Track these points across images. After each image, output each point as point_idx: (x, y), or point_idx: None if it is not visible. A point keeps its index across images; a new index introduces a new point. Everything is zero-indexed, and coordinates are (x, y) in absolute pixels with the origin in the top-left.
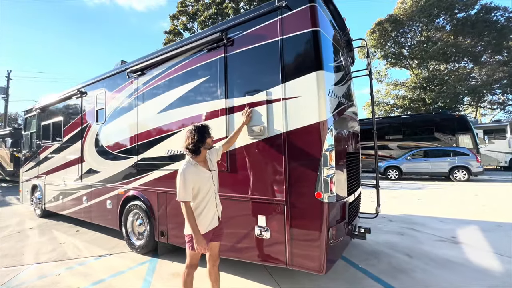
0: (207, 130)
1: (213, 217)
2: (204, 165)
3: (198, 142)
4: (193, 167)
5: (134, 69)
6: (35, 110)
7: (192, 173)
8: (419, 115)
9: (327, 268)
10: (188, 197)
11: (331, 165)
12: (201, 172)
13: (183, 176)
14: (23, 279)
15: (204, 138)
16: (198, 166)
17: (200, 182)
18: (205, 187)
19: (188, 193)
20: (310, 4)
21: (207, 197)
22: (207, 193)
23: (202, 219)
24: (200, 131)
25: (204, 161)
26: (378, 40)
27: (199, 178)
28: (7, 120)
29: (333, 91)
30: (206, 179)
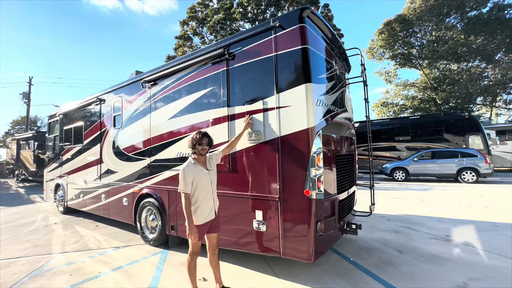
0: (199, 141)
1: (210, 210)
2: (203, 165)
3: (193, 145)
4: (192, 165)
5: (147, 80)
6: (58, 116)
7: (190, 169)
8: (428, 116)
9: (316, 257)
10: (187, 189)
11: (319, 166)
12: (199, 169)
13: (183, 171)
14: (53, 265)
15: (195, 145)
16: (197, 164)
17: (198, 177)
18: (203, 183)
19: (187, 186)
20: (300, 24)
21: (205, 191)
22: (205, 188)
23: (201, 211)
24: (193, 141)
25: (204, 162)
26: (386, 40)
27: (197, 174)
28: (28, 123)
29: (321, 100)
30: (203, 176)
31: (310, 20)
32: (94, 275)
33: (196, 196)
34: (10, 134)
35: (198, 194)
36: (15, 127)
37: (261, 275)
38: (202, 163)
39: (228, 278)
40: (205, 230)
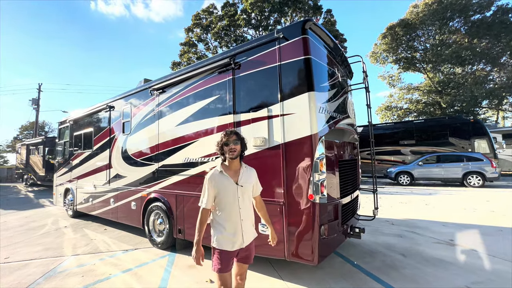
0: (225, 141)
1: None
2: (233, 174)
3: (220, 148)
4: (218, 174)
5: (156, 87)
6: (68, 122)
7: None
8: (432, 119)
9: (319, 260)
10: (207, 204)
11: (322, 171)
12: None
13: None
14: (66, 267)
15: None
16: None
17: (222, 190)
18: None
19: (208, 200)
20: (303, 36)
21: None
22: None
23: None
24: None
25: (236, 171)
26: (390, 45)
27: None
28: (37, 129)
29: (324, 107)
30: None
31: (312, 31)
32: (105, 277)
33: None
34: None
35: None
36: (23, 132)
37: (266, 277)
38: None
39: None
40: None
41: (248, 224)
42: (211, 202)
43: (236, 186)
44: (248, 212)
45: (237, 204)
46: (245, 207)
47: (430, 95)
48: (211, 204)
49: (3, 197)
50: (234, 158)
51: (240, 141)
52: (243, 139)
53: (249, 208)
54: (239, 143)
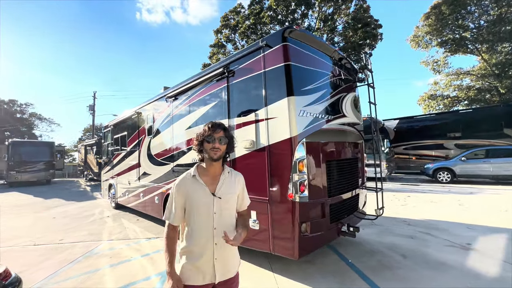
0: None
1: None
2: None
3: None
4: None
5: (169, 95)
6: (109, 126)
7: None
8: (482, 108)
9: (300, 255)
10: (174, 217)
11: (302, 171)
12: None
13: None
14: (101, 249)
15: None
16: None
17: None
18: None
19: (175, 213)
20: (283, 43)
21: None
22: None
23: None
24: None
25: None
26: (434, 26)
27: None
28: (94, 131)
29: (306, 110)
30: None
31: (294, 38)
32: (127, 259)
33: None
34: (82, 140)
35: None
36: (86, 134)
37: (259, 269)
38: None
39: None
40: None
41: (224, 252)
42: (180, 216)
43: (212, 198)
44: (228, 233)
45: (211, 222)
46: (222, 226)
47: (485, 79)
48: (180, 218)
49: (67, 190)
50: (216, 160)
51: (228, 140)
52: (232, 138)
53: (229, 227)
54: (226, 141)
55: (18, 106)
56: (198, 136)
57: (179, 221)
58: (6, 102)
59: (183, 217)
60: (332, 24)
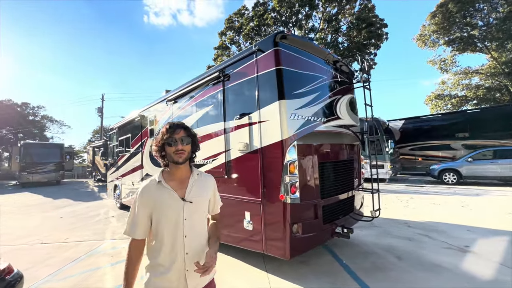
0: (167, 138)
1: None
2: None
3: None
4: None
5: (169, 99)
6: (115, 128)
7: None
8: (490, 108)
9: (292, 255)
10: (136, 230)
11: (293, 173)
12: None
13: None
14: (103, 249)
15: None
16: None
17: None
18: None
19: (138, 225)
20: (274, 48)
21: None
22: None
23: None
24: (157, 141)
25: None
26: (440, 24)
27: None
28: (102, 133)
29: (297, 113)
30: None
31: (286, 42)
32: None
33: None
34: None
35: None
36: (95, 135)
37: (253, 269)
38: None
39: (224, 269)
40: None
41: (197, 260)
42: (146, 228)
43: (181, 203)
44: (200, 241)
45: (181, 229)
46: (193, 233)
47: (495, 78)
48: (144, 231)
49: (76, 190)
50: (182, 163)
51: (191, 139)
52: (195, 136)
53: (201, 234)
54: (189, 141)
55: (30, 109)
56: (157, 140)
57: (144, 234)
58: (19, 105)
59: (147, 229)
60: (336, 25)
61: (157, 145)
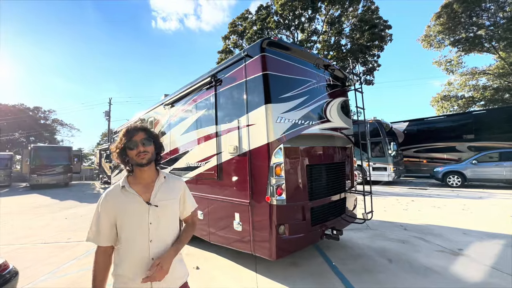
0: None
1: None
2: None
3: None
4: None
5: (166, 103)
6: (118, 132)
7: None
8: (497, 109)
9: (278, 256)
10: (96, 237)
11: (279, 175)
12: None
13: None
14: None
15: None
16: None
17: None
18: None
19: (101, 232)
20: (261, 54)
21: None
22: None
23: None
24: (117, 146)
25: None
26: (446, 25)
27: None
28: (110, 136)
29: (284, 117)
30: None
31: (273, 47)
32: None
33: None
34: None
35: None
36: (104, 138)
37: (243, 269)
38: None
39: (214, 268)
40: None
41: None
42: (109, 234)
43: (146, 207)
44: (168, 245)
45: (146, 234)
46: (160, 238)
47: (503, 78)
48: (109, 238)
49: (82, 192)
50: (146, 165)
51: (152, 139)
52: (157, 137)
53: (170, 238)
54: (151, 142)
55: (42, 113)
56: (117, 146)
57: (108, 241)
58: (31, 109)
59: (114, 235)
60: (339, 27)
61: (116, 151)
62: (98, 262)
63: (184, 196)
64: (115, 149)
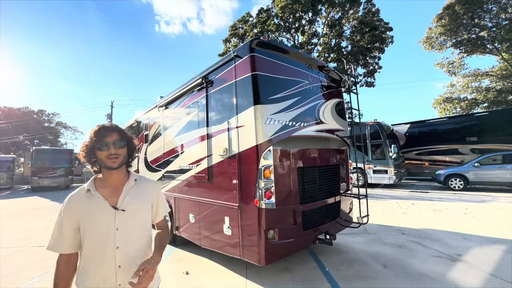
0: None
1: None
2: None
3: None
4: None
5: (160, 105)
6: None
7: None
8: (500, 110)
9: (267, 261)
10: (57, 245)
11: (268, 178)
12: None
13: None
14: None
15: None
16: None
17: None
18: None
19: (62, 239)
20: (250, 54)
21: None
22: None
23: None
24: (85, 146)
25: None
26: (447, 27)
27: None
28: None
29: (274, 118)
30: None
31: (263, 47)
32: None
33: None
34: None
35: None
36: None
37: (234, 274)
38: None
39: (204, 273)
40: None
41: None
42: (71, 241)
43: (113, 212)
44: (138, 252)
45: (111, 241)
46: (128, 244)
47: (506, 80)
48: (72, 245)
49: None
50: (116, 168)
51: (126, 141)
52: (131, 139)
53: (139, 245)
54: (123, 144)
55: (46, 116)
56: (86, 145)
57: (70, 248)
58: (35, 112)
59: (77, 242)
60: (340, 29)
61: (84, 151)
62: (60, 271)
63: (157, 200)
64: (83, 148)
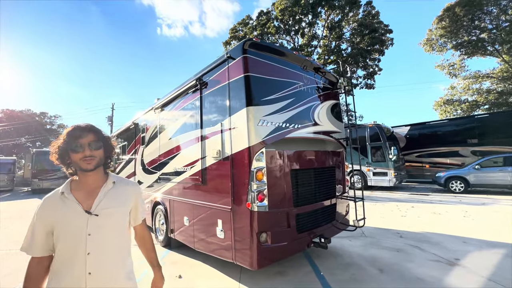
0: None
1: None
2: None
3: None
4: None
5: (156, 107)
6: (113, 136)
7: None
8: (501, 112)
9: (260, 265)
10: (30, 247)
11: (261, 180)
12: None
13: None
14: None
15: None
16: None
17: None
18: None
19: (35, 242)
20: (243, 55)
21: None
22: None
23: None
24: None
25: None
26: (448, 28)
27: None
28: None
29: (267, 120)
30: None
31: (256, 49)
32: None
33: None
34: None
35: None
36: None
37: (227, 278)
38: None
39: (197, 277)
40: None
41: (103, 283)
42: (43, 244)
43: (85, 217)
44: (111, 259)
45: (82, 247)
46: (101, 250)
47: (507, 82)
48: (43, 248)
49: None
50: (92, 170)
51: (102, 143)
52: (108, 139)
53: (114, 251)
54: (100, 145)
55: (48, 118)
56: (58, 146)
57: (42, 251)
58: (38, 114)
59: (49, 246)
60: (340, 31)
61: (56, 152)
62: (30, 274)
63: (136, 203)
64: (55, 149)
